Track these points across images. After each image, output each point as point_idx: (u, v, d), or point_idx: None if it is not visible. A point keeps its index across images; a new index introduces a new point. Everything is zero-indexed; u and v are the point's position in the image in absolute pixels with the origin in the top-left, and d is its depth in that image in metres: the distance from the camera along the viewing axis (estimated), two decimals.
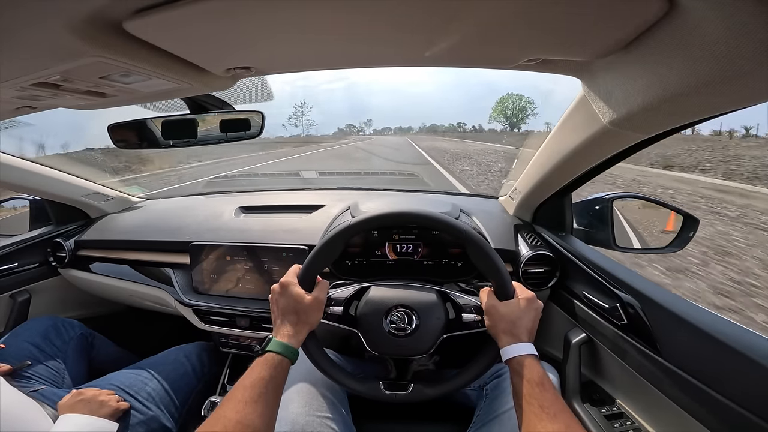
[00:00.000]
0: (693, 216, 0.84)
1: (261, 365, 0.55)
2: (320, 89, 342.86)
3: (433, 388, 0.66)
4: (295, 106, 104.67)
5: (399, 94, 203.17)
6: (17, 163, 1.06)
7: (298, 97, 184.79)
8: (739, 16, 0.29)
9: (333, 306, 0.68)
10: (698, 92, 0.39)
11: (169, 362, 0.98)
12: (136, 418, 0.81)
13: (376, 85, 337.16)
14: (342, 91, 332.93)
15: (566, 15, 0.36)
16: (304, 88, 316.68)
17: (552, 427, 0.47)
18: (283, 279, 0.63)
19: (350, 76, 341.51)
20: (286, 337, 0.58)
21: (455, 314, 0.68)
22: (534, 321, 0.61)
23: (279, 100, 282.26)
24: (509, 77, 26.69)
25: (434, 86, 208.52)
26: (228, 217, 1.14)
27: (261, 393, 0.51)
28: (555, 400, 0.50)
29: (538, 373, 0.53)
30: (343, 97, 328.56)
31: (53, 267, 1.23)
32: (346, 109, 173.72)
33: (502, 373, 0.76)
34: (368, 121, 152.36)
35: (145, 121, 0.80)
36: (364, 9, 0.37)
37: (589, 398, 0.82)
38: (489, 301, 0.63)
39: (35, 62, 0.43)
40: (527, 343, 0.58)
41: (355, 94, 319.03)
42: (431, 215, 0.68)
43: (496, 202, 1.18)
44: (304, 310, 0.61)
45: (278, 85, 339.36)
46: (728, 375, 0.53)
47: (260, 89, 0.78)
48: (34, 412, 0.70)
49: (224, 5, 0.35)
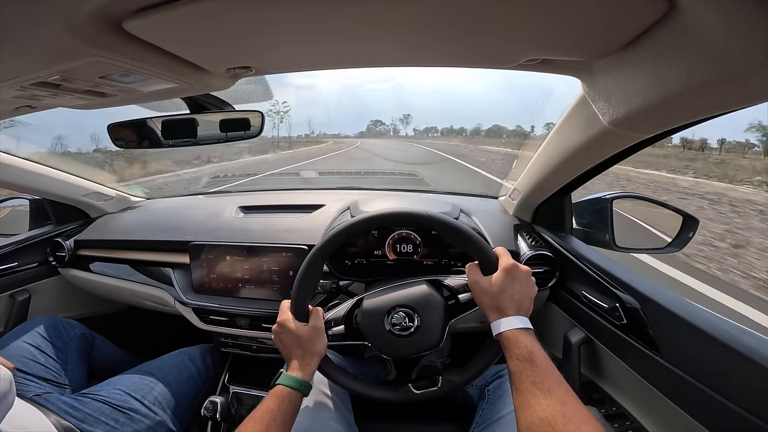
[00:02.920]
0: (693, 216, 0.84)
1: (271, 398, 0.56)
2: (366, 89, 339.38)
3: (461, 375, 0.66)
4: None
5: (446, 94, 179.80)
6: (17, 163, 1.06)
7: (345, 96, 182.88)
8: (739, 16, 0.29)
9: (333, 327, 0.68)
10: (698, 92, 0.39)
11: (174, 366, 0.97)
12: (143, 423, 0.81)
13: (420, 86, 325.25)
14: (389, 92, 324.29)
15: (566, 15, 0.36)
16: (351, 87, 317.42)
17: (546, 402, 0.45)
18: (278, 318, 0.64)
19: (396, 77, 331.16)
20: (295, 371, 0.59)
21: (453, 298, 0.68)
22: (522, 291, 0.58)
23: (327, 99, 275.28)
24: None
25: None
26: (228, 216, 1.14)
27: (269, 425, 0.52)
28: (547, 374, 0.48)
29: (526, 347, 0.51)
30: (390, 98, 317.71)
31: (53, 266, 1.23)
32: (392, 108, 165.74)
33: (504, 374, 0.76)
34: (405, 116, 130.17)
35: (145, 121, 0.80)
36: (364, 9, 0.37)
37: (588, 398, 0.82)
38: (471, 277, 0.61)
39: (35, 62, 0.43)
40: (514, 317, 0.55)
41: (402, 93, 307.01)
42: (389, 212, 0.68)
43: (496, 202, 1.18)
44: (306, 341, 0.62)
45: (326, 85, 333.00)
46: (728, 375, 0.53)
47: (260, 89, 0.78)
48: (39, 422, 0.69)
49: (224, 5, 0.35)
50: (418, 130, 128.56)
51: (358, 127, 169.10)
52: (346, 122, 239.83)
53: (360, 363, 0.85)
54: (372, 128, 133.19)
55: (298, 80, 22.23)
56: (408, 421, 0.80)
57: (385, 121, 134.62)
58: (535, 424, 0.44)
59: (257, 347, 1.03)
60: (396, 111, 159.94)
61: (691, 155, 25.52)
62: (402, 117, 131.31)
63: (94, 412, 0.79)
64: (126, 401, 0.83)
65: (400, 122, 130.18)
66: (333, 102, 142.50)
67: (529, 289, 0.59)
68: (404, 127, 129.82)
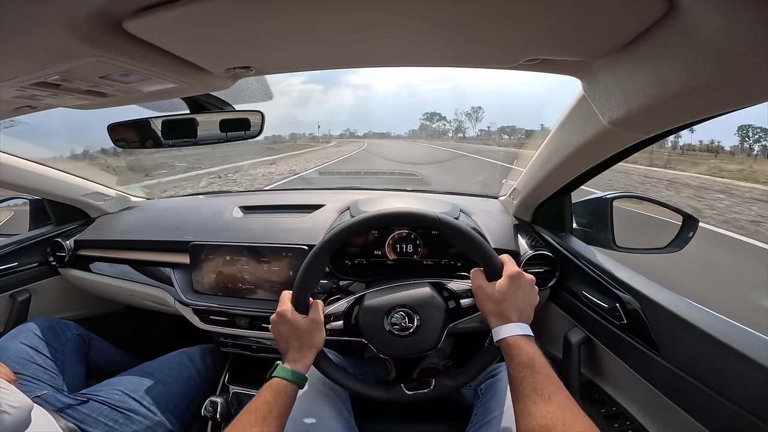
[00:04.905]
0: (693, 216, 0.84)
1: (266, 390, 0.56)
2: (423, 89, 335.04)
3: (455, 379, 0.66)
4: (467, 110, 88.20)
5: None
6: (17, 163, 1.06)
7: (402, 96, 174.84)
8: (739, 16, 0.29)
9: (333, 322, 0.68)
10: (698, 92, 0.39)
11: (173, 366, 0.97)
12: (142, 423, 0.81)
13: (484, 86, 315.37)
14: (447, 92, 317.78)
15: (566, 15, 0.36)
16: (407, 86, 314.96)
17: (546, 409, 0.45)
18: (278, 309, 0.64)
19: (455, 77, 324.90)
20: (292, 363, 0.59)
21: (454, 302, 0.68)
22: (525, 298, 0.58)
23: (383, 98, 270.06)
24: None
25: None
26: (228, 216, 1.14)
27: (265, 417, 0.52)
28: (548, 380, 0.48)
29: (527, 354, 0.51)
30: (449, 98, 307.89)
31: (53, 267, 1.23)
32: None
33: (496, 373, 0.76)
34: (478, 109, 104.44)
35: (145, 121, 0.80)
36: (364, 9, 0.37)
37: (588, 398, 0.82)
38: (476, 282, 0.62)
39: (35, 62, 0.43)
40: (516, 323, 0.55)
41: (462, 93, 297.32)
42: (400, 212, 0.68)
43: (496, 202, 1.18)
44: (305, 333, 0.62)
45: (382, 86, 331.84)
46: (728, 375, 0.53)
47: (260, 89, 0.78)
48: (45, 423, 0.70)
49: (224, 5, 0.35)
50: (487, 130, 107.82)
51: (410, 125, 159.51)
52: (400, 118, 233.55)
53: (360, 363, 0.85)
54: (426, 126, 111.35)
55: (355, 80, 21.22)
56: (407, 421, 0.80)
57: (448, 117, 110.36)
58: (535, 430, 0.44)
59: (257, 347, 1.03)
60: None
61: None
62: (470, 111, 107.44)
63: (93, 412, 0.79)
64: (125, 402, 0.82)
65: (467, 117, 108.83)
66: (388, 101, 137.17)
67: (532, 297, 0.60)
68: (472, 125, 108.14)
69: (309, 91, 23.99)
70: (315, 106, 26.83)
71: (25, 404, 0.61)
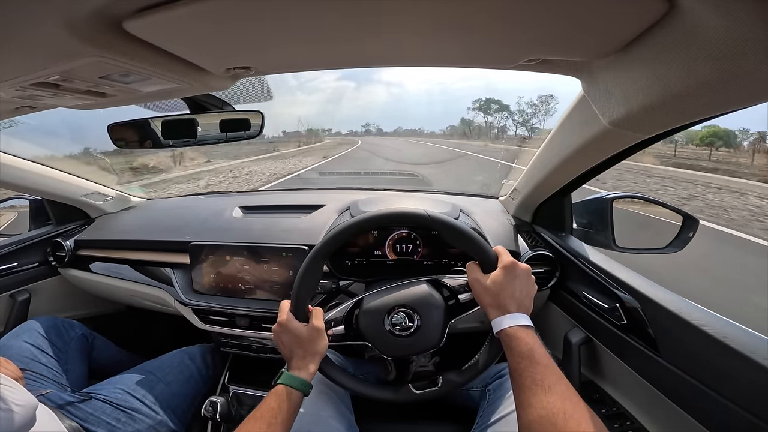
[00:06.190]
0: (693, 216, 0.84)
1: (272, 397, 0.56)
2: (455, 87, 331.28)
3: (462, 375, 0.66)
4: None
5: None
6: (17, 163, 1.06)
7: (434, 94, 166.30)
8: (739, 16, 0.29)
9: (334, 327, 0.68)
10: (698, 92, 0.39)
11: (174, 365, 0.97)
12: (145, 422, 0.81)
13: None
14: (477, 90, 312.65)
15: (566, 15, 0.36)
16: (439, 84, 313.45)
17: (547, 399, 0.44)
18: (279, 318, 0.64)
19: (488, 75, 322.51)
20: (296, 370, 0.60)
21: (453, 298, 0.68)
22: (522, 288, 0.58)
23: (414, 94, 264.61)
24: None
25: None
26: (228, 216, 1.14)
27: (270, 424, 0.52)
28: (548, 371, 0.48)
29: (526, 344, 0.51)
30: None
31: (53, 267, 1.23)
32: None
33: (504, 374, 0.76)
34: (549, 99, 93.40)
35: (145, 121, 0.80)
36: (364, 9, 0.37)
37: (588, 398, 0.81)
38: (472, 275, 0.62)
39: (35, 62, 0.43)
40: (514, 314, 0.55)
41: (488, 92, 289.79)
42: (388, 213, 0.68)
43: (496, 202, 1.18)
44: (307, 341, 0.62)
45: (413, 84, 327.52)
46: (728, 375, 0.53)
47: (260, 89, 0.78)
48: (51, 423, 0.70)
49: (224, 5, 0.35)
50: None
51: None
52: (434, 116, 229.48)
53: (360, 363, 0.85)
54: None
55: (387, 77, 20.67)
56: (409, 421, 0.80)
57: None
58: (536, 421, 0.43)
59: (257, 347, 1.03)
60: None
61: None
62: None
63: (96, 411, 0.79)
64: (127, 400, 0.83)
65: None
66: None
67: (530, 286, 0.60)
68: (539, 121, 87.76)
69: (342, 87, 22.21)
70: (348, 103, 25.50)
71: (31, 402, 0.61)
